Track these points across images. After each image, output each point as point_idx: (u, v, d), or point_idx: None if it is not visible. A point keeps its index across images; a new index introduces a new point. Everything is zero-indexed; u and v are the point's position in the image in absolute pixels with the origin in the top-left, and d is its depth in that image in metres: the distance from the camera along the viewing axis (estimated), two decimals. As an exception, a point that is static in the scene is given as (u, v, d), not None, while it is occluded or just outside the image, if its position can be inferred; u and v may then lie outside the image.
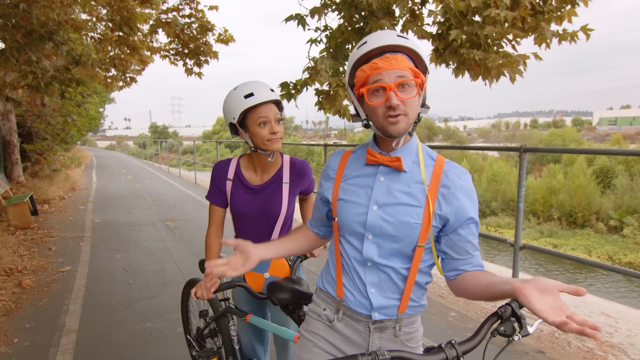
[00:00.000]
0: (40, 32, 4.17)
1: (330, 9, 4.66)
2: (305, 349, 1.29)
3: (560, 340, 3.42)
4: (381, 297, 1.17)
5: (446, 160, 1.16)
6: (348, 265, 1.20)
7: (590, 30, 3.61)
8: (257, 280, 1.85)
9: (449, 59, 4.04)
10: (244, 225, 1.86)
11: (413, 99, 1.08)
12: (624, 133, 47.32)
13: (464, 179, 1.13)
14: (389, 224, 1.12)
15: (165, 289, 4.20)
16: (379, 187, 1.15)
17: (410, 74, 1.07)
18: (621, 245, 17.73)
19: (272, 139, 1.67)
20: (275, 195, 1.79)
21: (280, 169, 1.82)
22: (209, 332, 2.24)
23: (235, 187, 1.82)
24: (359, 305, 1.20)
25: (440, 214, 1.12)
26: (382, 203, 1.14)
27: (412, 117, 1.09)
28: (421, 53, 1.11)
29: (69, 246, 5.85)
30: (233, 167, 1.83)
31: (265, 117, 1.64)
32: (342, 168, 1.25)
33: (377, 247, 1.15)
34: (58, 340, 3.13)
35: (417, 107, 1.11)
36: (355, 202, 1.17)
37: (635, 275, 2.87)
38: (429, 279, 1.22)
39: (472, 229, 1.14)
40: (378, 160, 1.15)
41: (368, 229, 1.15)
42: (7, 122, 10.15)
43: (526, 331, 0.96)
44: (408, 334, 1.22)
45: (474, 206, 1.13)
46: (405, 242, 1.13)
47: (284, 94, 5.22)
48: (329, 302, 1.28)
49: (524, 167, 3.17)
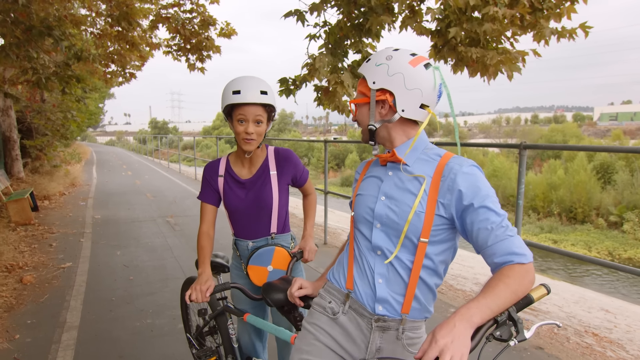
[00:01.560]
0: (39, 28, 4.16)
1: (330, 4, 4.65)
2: (306, 340, 1.32)
3: (560, 337, 3.44)
4: (386, 290, 1.22)
5: (453, 155, 1.20)
6: (360, 254, 1.29)
7: (589, 28, 3.61)
8: (260, 274, 1.87)
9: (448, 55, 4.04)
10: (241, 221, 1.89)
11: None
12: (624, 128, 47.26)
13: (465, 166, 1.14)
14: (394, 213, 1.20)
15: (166, 285, 4.22)
16: (387, 180, 1.26)
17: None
18: (621, 240, 17.75)
19: (245, 137, 1.71)
20: (265, 187, 1.84)
21: (265, 160, 1.88)
22: (208, 331, 2.26)
23: (227, 182, 1.87)
24: (364, 297, 1.25)
25: (443, 202, 1.15)
26: (389, 194, 1.23)
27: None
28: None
29: (69, 242, 5.87)
30: (223, 164, 1.89)
31: (243, 115, 1.69)
32: (364, 172, 1.39)
33: (385, 235, 1.22)
34: (59, 336, 3.15)
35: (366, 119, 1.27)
36: (368, 194, 1.30)
37: (624, 269, 2.89)
38: (438, 280, 1.23)
39: (482, 215, 1.09)
40: (384, 158, 1.27)
41: (376, 218, 1.24)
42: (7, 118, 10.15)
43: (523, 336, 0.95)
44: (411, 338, 1.23)
45: (479, 193, 1.10)
46: (409, 232, 1.17)
47: (283, 90, 5.21)
48: (335, 295, 1.33)
49: (524, 163, 3.18)
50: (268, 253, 1.86)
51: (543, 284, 1.07)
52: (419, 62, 1.19)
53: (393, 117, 1.22)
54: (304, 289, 1.49)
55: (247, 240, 1.90)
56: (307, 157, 42.22)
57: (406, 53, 1.21)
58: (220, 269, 2.11)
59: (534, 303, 1.01)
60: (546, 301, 4.45)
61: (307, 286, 1.50)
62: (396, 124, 1.24)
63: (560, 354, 3.12)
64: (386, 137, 1.27)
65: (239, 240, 1.93)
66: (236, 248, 1.97)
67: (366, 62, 1.26)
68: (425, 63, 1.20)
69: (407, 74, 1.17)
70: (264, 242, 1.89)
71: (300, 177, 1.95)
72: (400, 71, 1.18)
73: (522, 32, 4.10)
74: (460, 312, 0.93)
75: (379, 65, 1.21)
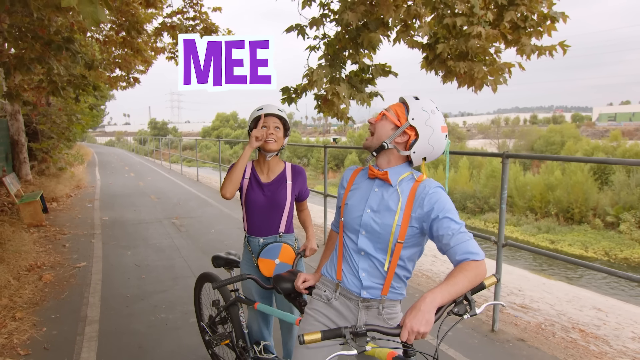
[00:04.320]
0: (57, 43, 4.46)
1: (328, 19, 4.94)
2: (307, 322, 1.67)
3: (546, 332, 3.66)
4: (369, 280, 1.56)
5: (426, 178, 1.54)
6: (348, 253, 1.61)
7: (567, 46, 3.94)
8: (268, 266, 2.24)
9: (438, 68, 4.34)
10: (256, 217, 2.28)
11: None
12: (623, 129, 47.47)
13: (433, 189, 1.49)
14: (376, 224, 1.52)
15: (176, 283, 4.52)
16: (373, 196, 1.56)
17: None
18: (617, 241, 17.98)
19: (268, 138, 2.18)
20: (281, 190, 2.28)
21: (284, 171, 2.33)
22: (220, 320, 2.57)
23: (251, 183, 2.29)
24: (352, 285, 1.59)
25: (415, 216, 1.49)
26: (374, 208, 1.54)
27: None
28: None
29: (81, 243, 6.17)
30: (249, 169, 2.33)
31: (266, 123, 2.20)
32: (352, 181, 1.69)
33: (368, 240, 1.55)
34: (83, 329, 3.46)
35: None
36: (356, 206, 1.60)
37: (610, 272, 3.17)
38: (407, 274, 1.59)
39: (445, 223, 1.41)
40: (375, 174, 1.55)
41: (362, 227, 1.56)
42: (15, 122, 10.43)
43: (474, 312, 1.27)
44: (389, 314, 1.58)
45: (444, 207, 1.44)
46: (388, 238, 1.50)
47: (285, 98, 5.50)
48: (328, 285, 1.68)
49: (507, 172, 3.47)
50: (276, 248, 2.24)
51: (494, 274, 1.42)
52: (445, 130, 1.53)
53: (403, 151, 1.54)
54: (307, 281, 1.83)
55: (259, 237, 2.28)
56: (306, 157, 42.51)
57: (442, 117, 1.54)
58: (234, 265, 2.44)
59: (486, 288, 1.34)
60: (539, 299, 4.70)
61: (310, 278, 1.84)
62: (399, 153, 1.54)
63: (541, 346, 3.34)
64: (383, 158, 1.58)
65: (252, 238, 2.30)
66: (248, 244, 2.33)
67: (415, 98, 1.53)
68: (447, 134, 1.54)
69: (435, 134, 1.50)
70: (272, 239, 2.27)
71: (304, 193, 2.39)
72: (434, 128, 1.50)
73: (507, 46, 4.41)
74: (425, 296, 1.26)
75: (424, 112, 1.50)
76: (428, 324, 1.20)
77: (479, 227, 21.52)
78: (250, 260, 2.34)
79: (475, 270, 1.32)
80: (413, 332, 1.20)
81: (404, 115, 1.52)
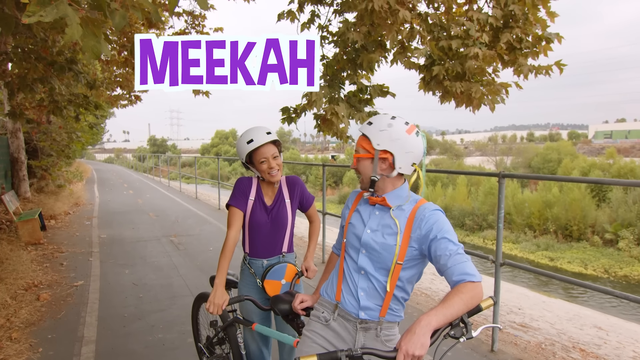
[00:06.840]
0: (60, 63, 4.54)
1: (327, 41, 5.06)
2: (305, 344, 1.68)
3: (546, 351, 3.64)
4: (367, 300, 1.58)
5: (425, 202, 1.58)
6: (348, 273, 1.64)
7: (563, 65, 4.02)
8: (275, 287, 2.24)
9: (435, 88, 4.43)
10: (260, 239, 2.26)
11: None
12: (619, 146, 47.83)
13: (431, 212, 1.53)
14: (376, 244, 1.57)
15: (174, 302, 4.49)
16: (373, 218, 1.62)
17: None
18: (617, 258, 17.91)
19: (270, 172, 2.13)
20: (282, 210, 2.27)
21: (280, 188, 2.31)
22: (217, 340, 2.55)
23: (256, 204, 2.25)
24: (350, 306, 1.61)
25: (414, 237, 1.52)
26: (373, 229, 1.60)
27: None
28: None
29: (79, 261, 6.14)
30: (254, 189, 2.27)
31: (264, 157, 2.13)
32: (357, 202, 1.74)
33: (369, 259, 1.59)
34: (79, 349, 3.43)
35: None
36: (357, 225, 1.65)
37: (606, 291, 3.18)
38: (406, 296, 1.61)
39: (443, 244, 1.44)
40: (374, 201, 1.62)
41: (362, 246, 1.61)
42: (16, 140, 10.48)
43: (470, 334, 1.28)
44: (387, 336, 1.59)
45: (442, 229, 1.47)
46: (387, 259, 1.54)
47: (285, 118, 5.58)
48: (327, 307, 1.70)
49: (503, 191, 3.51)
50: (282, 269, 2.25)
51: (491, 296, 1.41)
52: (412, 131, 1.55)
53: (392, 173, 1.58)
54: (304, 302, 1.85)
55: (262, 259, 2.27)
56: (305, 174, 42.59)
57: (401, 122, 1.56)
58: (232, 285, 2.44)
59: (483, 310, 1.34)
60: (539, 318, 4.68)
61: (307, 299, 1.86)
62: (390, 177, 1.58)
63: (540, 366, 3.35)
64: (380, 186, 1.62)
65: (254, 260, 2.29)
66: (249, 267, 2.31)
67: (368, 124, 1.58)
68: (416, 131, 1.56)
69: (405, 141, 1.53)
70: (276, 260, 2.28)
71: (306, 201, 2.36)
72: (399, 137, 1.53)
73: (504, 67, 4.51)
74: (420, 319, 1.27)
75: (382, 131, 1.54)
76: (423, 347, 1.21)
77: (478, 245, 21.45)
78: (250, 282, 2.32)
79: (472, 292, 1.33)
80: (408, 355, 1.21)
81: (370, 146, 1.56)
